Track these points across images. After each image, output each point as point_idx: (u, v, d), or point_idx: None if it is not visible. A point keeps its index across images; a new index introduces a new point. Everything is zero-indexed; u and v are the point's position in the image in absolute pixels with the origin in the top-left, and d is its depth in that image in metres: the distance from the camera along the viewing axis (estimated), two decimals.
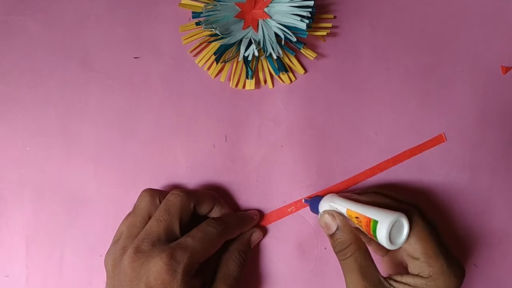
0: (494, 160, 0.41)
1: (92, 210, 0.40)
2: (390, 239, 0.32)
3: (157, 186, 0.40)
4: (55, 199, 0.40)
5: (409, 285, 0.33)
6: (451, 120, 0.41)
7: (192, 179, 0.40)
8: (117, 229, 0.37)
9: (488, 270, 0.41)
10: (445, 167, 0.41)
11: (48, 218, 0.40)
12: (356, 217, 0.34)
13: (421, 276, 0.33)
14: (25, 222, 0.40)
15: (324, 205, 0.36)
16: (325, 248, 0.40)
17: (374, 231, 0.33)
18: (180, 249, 0.33)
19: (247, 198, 0.40)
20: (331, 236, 0.35)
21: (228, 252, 0.37)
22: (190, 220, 0.36)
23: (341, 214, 0.35)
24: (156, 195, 0.37)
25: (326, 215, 0.35)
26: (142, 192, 0.37)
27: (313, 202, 0.38)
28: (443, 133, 0.41)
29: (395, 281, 0.34)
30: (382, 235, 0.32)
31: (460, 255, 0.41)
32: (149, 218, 0.36)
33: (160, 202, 0.36)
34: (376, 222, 0.32)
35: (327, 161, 0.41)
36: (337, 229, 0.35)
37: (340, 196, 0.36)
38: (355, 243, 0.34)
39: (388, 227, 0.32)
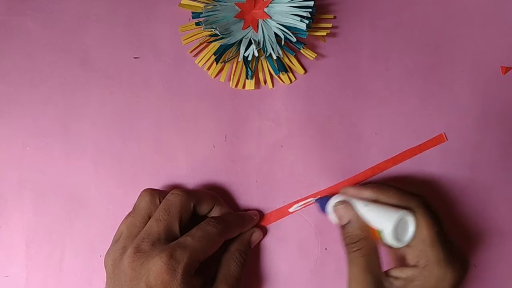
0: (494, 160, 0.41)
1: (92, 210, 0.40)
2: (398, 238, 0.33)
3: (157, 186, 0.40)
4: (55, 199, 0.40)
5: (407, 279, 0.33)
6: (451, 120, 0.41)
7: (192, 179, 0.40)
8: (117, 229, 0.37)
9: (488, 270, 0.41)
10: (445, 167, 0.41)
11: (48, 218, 0.40)
12: None
13: (418, 266, 0.33)
14: (25, 222, 0.40)
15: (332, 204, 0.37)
16: (326, 249, 0.40)
17: (381, 237, 0.34)
18: (180, 249, 0.33)
19: (247, 198, 0.40)
20: (342, 227, 0.35)
21: (229, 252, 0.37)
22: (190, 220, 0.36)
23: (354, 207, 0.35)
24: (156, 194, 0.37)
25: (340, 206, 0.36)
26: (142, 192, 0.37)
27: (322, 201, 0.38)
28: (443, 133, 0.41)
29: (395, 277, 0.34)
30: (388, 241, 0.33)
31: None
32: (149, 217, 0.36)
33: (160, 202, 0.36)
34: (380, 231, 0.33)
35: (327, 161, 0.41)
36: (348, 222, 0.35)
37: (347, 196, 0.37)
38: (364, 239, 0.34)
39: (392, 234, 0.33)
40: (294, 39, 0.38)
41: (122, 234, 0.36)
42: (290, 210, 0.40)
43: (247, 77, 0.40)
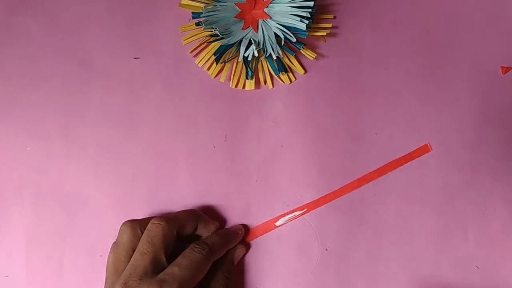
0: (494, 160, 0.41)
1: (91, 210, 0.40)
2: None
3: (157, 187, 0.40)
4: (55, 200, 0.40)
5: None
6: (451, 120, 0.41)
7: (192, 179, 0.40)
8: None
9: (488, 270, 0.41)
10: (445, 167, 0.41)
11: (48, 218, 0.40)
12: None
13: None
14: (25, 222, 0.40)
15: None
16: (326, 249, 0.40)
17: None
18: (168, 281, 0.32)
19: (247, 199, 0.40)
20: None
21: (213, 274, 0.37)
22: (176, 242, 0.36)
23: None
24: (137, 226, 0.36)
25: None
26: (121, 225, 0.36)
27: None
28: (428, 143, 0.41)
29: None
30: None
31: (461, 256, 0.40)
32: (133, 250, 0.35)
33: (142, 232, 0.35)
34: None
35: (327, 161, 0.41)
36: None
37: None
38: None
39: None
40: (294, 39, 0.38)
41: (110, 271, 0.35)
42: (277, 223, 0.40)
43: (247, 77, 0.40)
